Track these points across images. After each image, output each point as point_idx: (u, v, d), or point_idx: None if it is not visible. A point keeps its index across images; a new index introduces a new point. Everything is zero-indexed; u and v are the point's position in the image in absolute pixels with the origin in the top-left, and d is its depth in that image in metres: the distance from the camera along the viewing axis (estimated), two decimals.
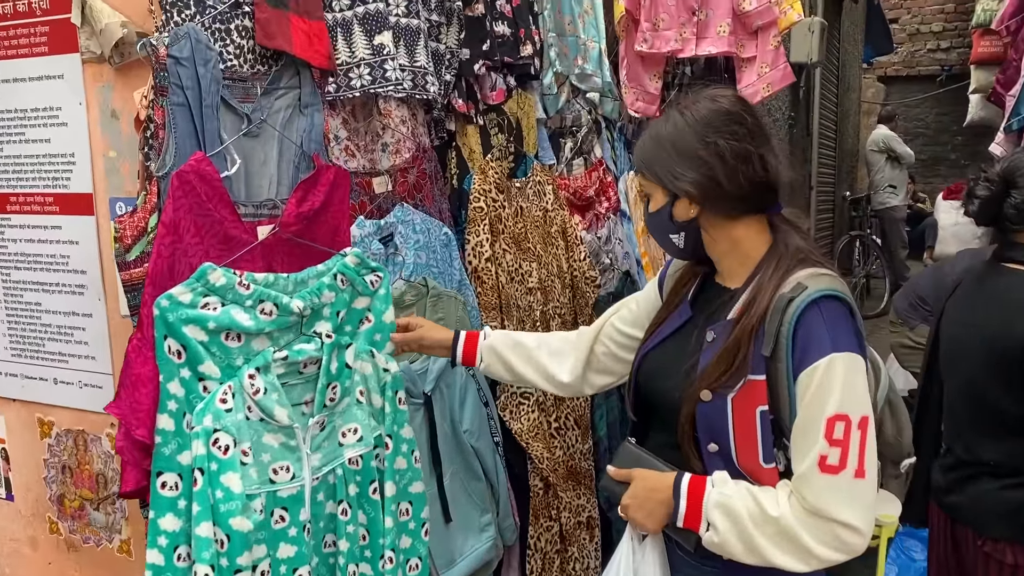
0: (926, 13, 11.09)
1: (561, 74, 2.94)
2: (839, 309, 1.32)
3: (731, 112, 1.38)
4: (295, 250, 1.71)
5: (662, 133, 1.43)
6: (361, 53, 1.96)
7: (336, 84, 1.92)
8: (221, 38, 1.63)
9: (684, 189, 1.39)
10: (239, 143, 1.65)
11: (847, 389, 1.27)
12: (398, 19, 2.11)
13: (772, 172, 1.39)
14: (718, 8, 3.29)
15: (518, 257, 2.52)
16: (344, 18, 1.96)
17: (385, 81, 1.97)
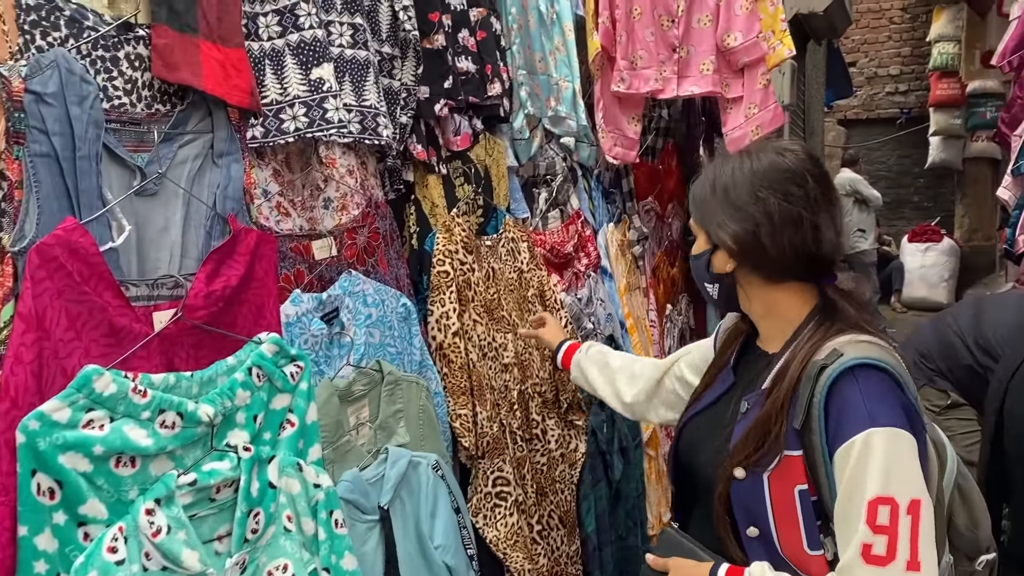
0: (883, 57, 11.11)
1: (533, 116, 2.60)
2: (880, 379, 1.19)
3: (793, 171, 1.29)
4: (204, 341, 1.32)
5: (718, 175, 1.35)
6: (295, 90, 1.59)
7: (264, 128, 1.55)
8: (105, 69, 1.24)
9: (724, 240, 1.33)
10: (129, 204, 1.27)
11: (891, 469, 1.14)
12: (342, 50, 1.75)
13: (824, 245, 1.29)
14: (700, 44, 2.99)
15: (490, 328, 2.15)
16: (274, 48, 1.59)
17: (325, 123, 1.61)
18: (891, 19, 11.01)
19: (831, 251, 1.30)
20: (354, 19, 1.79)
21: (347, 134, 1.66)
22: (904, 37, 10.98)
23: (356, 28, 1.79)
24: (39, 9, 1.16)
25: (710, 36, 2.99)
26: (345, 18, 1.78)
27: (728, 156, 1.38)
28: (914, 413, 1.20)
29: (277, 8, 1.60)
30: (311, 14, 1.60)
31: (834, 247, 1.30)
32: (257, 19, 1.58)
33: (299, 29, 1.61)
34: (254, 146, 1.54)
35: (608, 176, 3.22)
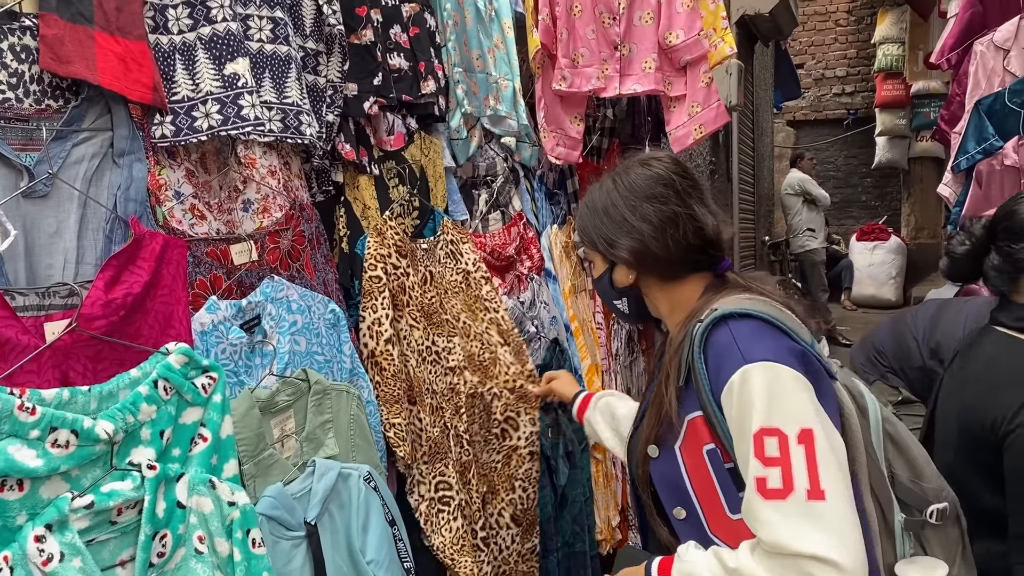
0: (830, 58, 11.26)
1: (471, 116, 2.54)
2: (754, 325, 1.20)
3: (660, 176, 1.36)
4: (104, 353, 1.23)
5: (596, 200, 1.43)
6: (208, 86, 1.51)
7: (175, 126, 1.46)
8: None
9: (619, 256, 1.38)
10: (16, 207, 1.18)
11: (771, 400, 1.11)
12: (261, 45, 1.67)
13: (707, 232, 1.35)
14: (642, 42, 2.96)
15: (430, 333, 2.08)
16: (185, 42, 1.50)
17: (241, 120, 1.53)
18: (837, 21, 11.18)
19: (715, 234, 1.35)
20: (274, 13, 1.71)
21: (267, 132, 1.58)
22: (850, 39, 11.15)
23: (276, 22, 1.71)
24: None
25: (652, 34, 2.95)
26: (264, 11, 1.70)
27: (601, 180, 1.45)
28: (801, 355, 1.18)
29: (188, 0, 1.51)
30: (224, 6, 1.52)
31: (715, 230, 1.35)
32: (166, 11, 1.49)
33: (212, 22, 1.52)
34: (164, 145, 1.45)
35: (552, 177, 3.17)
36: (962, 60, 3.00)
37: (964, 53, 2.97)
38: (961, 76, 3.00)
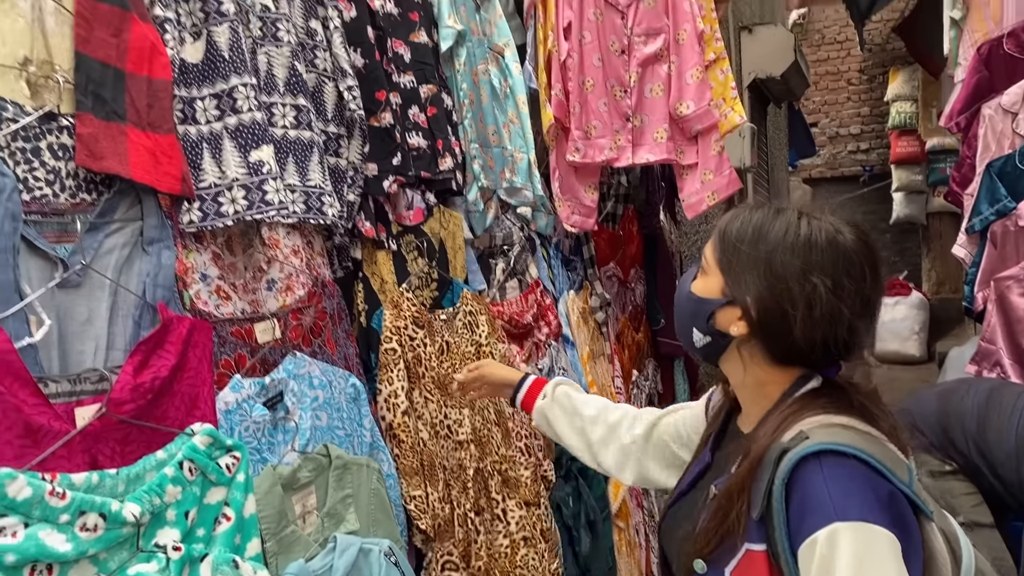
0: (844, 116, 11.38)
1: (487, 188, 2.61)
2: (851, 468, 1.04)
3: (851, 259, 1.12)
4: (132, 436, 1.26)
5: (766, 227, 1.16)
6: (234, 172, 1.57)
7: (202, 211, 1.52)
8: (26, 160, 1.22)
9: (747, 303, 1.16)
10: (50, 298, 1.23)
11: (859, 570, 0.98)
12: (285, 131, 1.74)
13: (853, 350, 1.15)
14: (653, 113, 3.04)
15: (443, 405, 2.10)
16: (212, 131, 1.58)
17: (265, 205, 1.59)
18: (849, 80, 11.32)
19: (854, 355, 1.17)
20: (297, 100, 1.78)
21: (290, 215, 1.64)
22: (863, 97, 11.27)
23: (300, 109, 1.78)
24: None
25: (663, 105, 3.03)
26: (288, 99, 1.77)
27: (782, 210, 1.19)
28: (900, 505, 1.05)
29: (215, 92, 1.59)
30: (250, 97, 1.60)
31: (860, 352, 1.16)
32: (194, 103, 1.56)
33: (237, 112, 1.59)
34: (191, 231, 1.51)
35: (568, 243, 3.22)
36: (971, 123, 3.04)
37: (973, 116, 3.02)
38: (971, 139, 3.04)
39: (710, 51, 3.06)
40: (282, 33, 1.75)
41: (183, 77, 1.53)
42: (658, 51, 3.02)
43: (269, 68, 1.73)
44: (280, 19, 1.75)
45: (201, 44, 1.56)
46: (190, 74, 1.55)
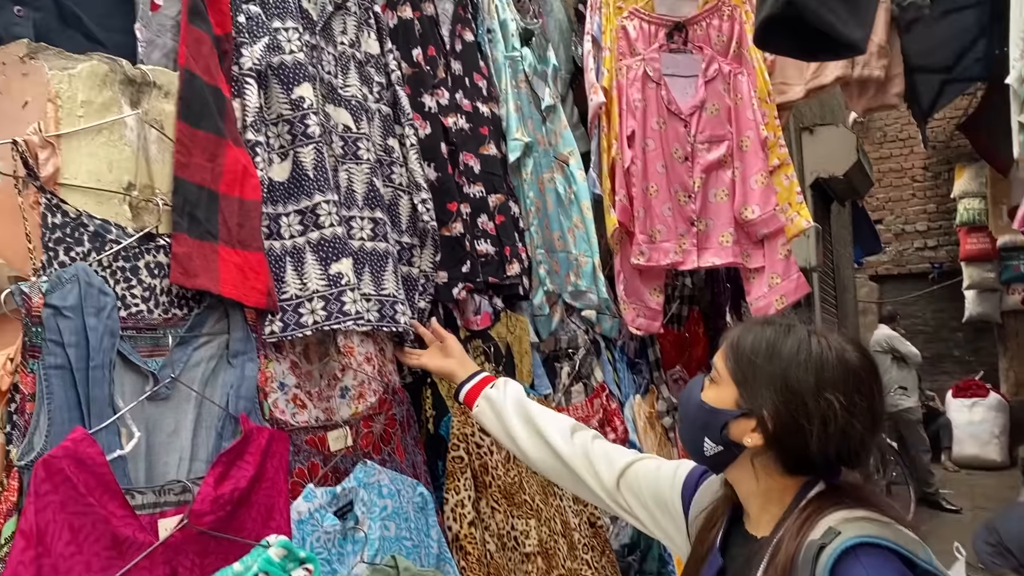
0: (909, 213, 11.25)
1: (553, 293, 2.64)
2: (886, 560, 1.09)
3: (861, 377, 1.19)
4: (210, 547, 1.28)
5: (779, 343, 1.21)
6: (315, 284, 1.63)
7: (283, 322, 1.58)
8: (125, 278, 1.29)
9: (762, 417, 1.20)
10: (140, 410, 1.28)
11: None
12: (362, 243, 1.81)
13: (861, 460, 1.22)
14: (718, 217, 3.06)
15: (510, 515, 2.08)
16: (295, 246, 1.65)
17: (343, 315, 1.64)
18: (913, 177, 11.24)
19: (863, 465, 1.23)
20: (374, 213, 1.85)
21: (364, 323, 1.68)
22: (928, 194, 11.15)
23: (376, 222, 1.85)
24: (64, 227, 1.22)
25: (727, 209, 3.05)
26: (366, 213, 1.84)
27: (792, 326, 1.23)
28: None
29: (299, 208, 1.67)
30: (331, 213, 1.67)
31: (867, 462, 1.23)
32: (279, 219, 1.64)
33: (320, 228, 1.66)
34: (272, 340, 1.56)
35: (633, 346, 3.22)
36: None
37: None
38: None
39: (774, 157, 3.10)
40: (362, 152, 1.84)
41: (270, 195, 1.62)
42: (722, 157, 3.06)
43: (349, 184, 1.81)
44: (361, 138, 1.84)
45: (288, 164, 1.65)
46: (276, 192, 1.64)
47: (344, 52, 1.90)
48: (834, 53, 1.73)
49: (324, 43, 1.84)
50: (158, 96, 1.40)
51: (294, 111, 1.66)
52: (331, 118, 1.79)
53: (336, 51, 1.87)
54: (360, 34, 1.96)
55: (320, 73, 1.77)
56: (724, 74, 3.11)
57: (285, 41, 1.67)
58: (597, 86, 3.00)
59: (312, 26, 1.80)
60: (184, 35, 1.41)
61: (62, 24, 1.48)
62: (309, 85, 1.67)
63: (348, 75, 1.89)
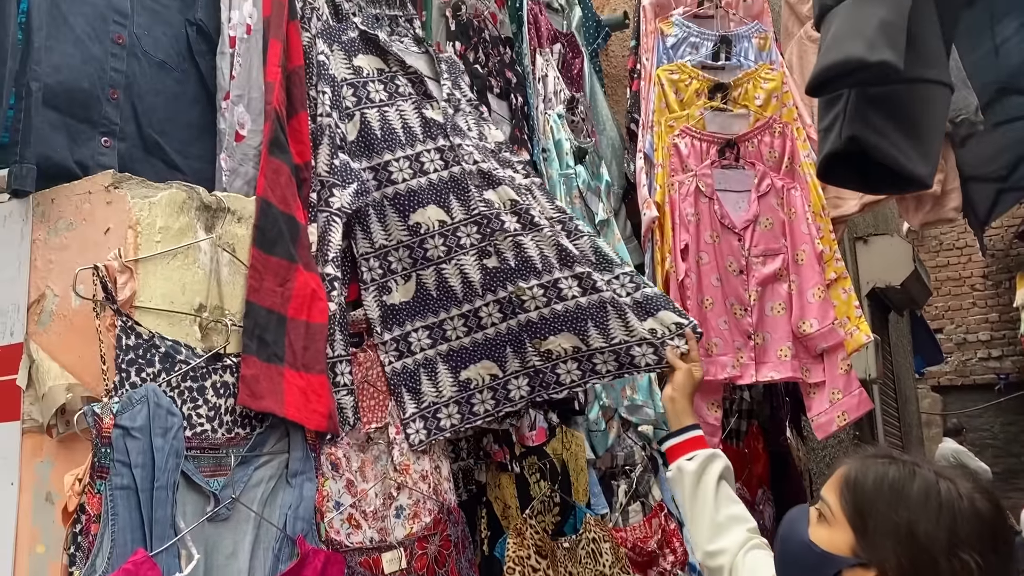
0: (970, 323, 10.97)
1: (609, 407, 2.61)
2: None
3: (994, 529, 1.10)
4: None
5: (906, 490, 1.12)
6: (448, 392, 1.83)
7: (426, 429, 1.80)
8: (191, 398, 1.32)
9: (884, 570, 1.10)
10: (200, 531, 1.28)
11: None
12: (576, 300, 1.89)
13: None
14: (776, 331, 3.02)
15: None
16: (427, 358, 1.84)
17: (473, 416, 1.86)
18: (973, 286, 11.01)
19: None
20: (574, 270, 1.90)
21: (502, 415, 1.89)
22: (989, 303, 10.89)
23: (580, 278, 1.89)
24: (137, 348, 1.26)
25: (785, 323, 3.01)
26: (566, 272, 1.89)
27: (917, 468, 1.16)
28: None
29: (426, 324, 1.84)
30: (457, 327, 1.85)
31: None
32: (409, 337, 1.82)
33: (447, 340, 1.85)
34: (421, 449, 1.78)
35: None
36: None
37: None
38: None
39: (831, 271, 3.07)
40: (538, 218, 1.93)
41: (396, 316, 1.82)
42: (777, 271, 3.05)
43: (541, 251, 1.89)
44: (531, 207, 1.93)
45: (412, 285, 1.83)
46: (403, 313, 1.82)
47: (478, 144, 2.00)
48: (900, 188, 1.74)
49: (460, 139, 1.95)
50: (231, 221, 1.46)
51: (412, 237, 1.83)
52: (494, 203, 1.88)
53: (474, 143, 1.99)
54: (481, 128, 2.08)
55: (469, 168, 1.89)
56: (777, 189, 3.13)
57: (397, 171, 1.84)
58: (650, 201, 3.04)
59: (443, 130, 1.93)
60: (264, 166, 1.49)
61: (145, 153, 1.57)
62: (430, 207, 1.84)
63: (489, 160, 1.98)
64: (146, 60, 1.62)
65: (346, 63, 1.86)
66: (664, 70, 3.13)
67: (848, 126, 1.37)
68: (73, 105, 1.48)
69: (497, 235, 1.85)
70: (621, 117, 3.46)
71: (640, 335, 1.85)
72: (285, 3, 1.67)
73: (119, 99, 1.55)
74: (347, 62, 1.86)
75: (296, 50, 1.69)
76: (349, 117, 1.82)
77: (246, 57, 1.69)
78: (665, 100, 3.15)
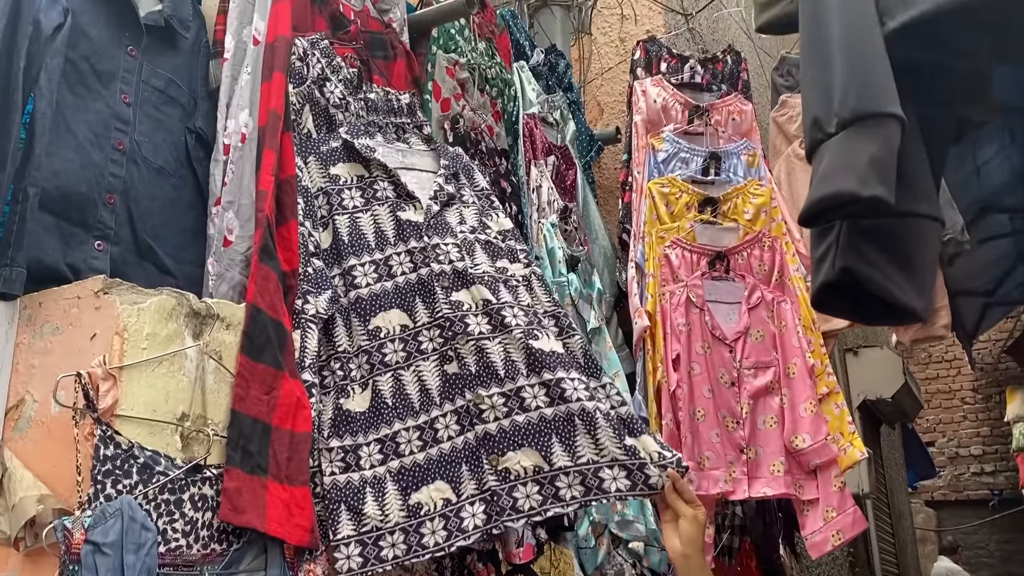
0: (962, 436, 10.89)
1: (598, 523, 2.53)
2: None
3: None
4: None
5: None
6: (395, 516, 1.61)
7: (363, 556, 1.55)
8: (168, 512, 1.27)
9: None
10: None
11: None
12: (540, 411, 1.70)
13: None
14: (768, 445, 2.97)
15: None
16: (375, 476, 1.64)
17: (421, 548, 1.60)
18: (963, 399, 10.99)
19: None
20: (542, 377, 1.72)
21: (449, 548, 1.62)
22: (980, 417, 10.85)
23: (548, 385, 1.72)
24: (115, 459, 1.22)
25: (777, 437, 2.97)
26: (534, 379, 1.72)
27: None
28: None
29: (379, 437, 1.67)
30: (411, 440, 1.68)
31: None
32: (359, 450, 1.65)
33: (400, 456, 1.66)
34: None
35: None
36: None
37: None
38: None
39: (822, 385, 3.05)
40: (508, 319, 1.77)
41: (349, 426, 1.65)
42: (769, 384, 3.03)
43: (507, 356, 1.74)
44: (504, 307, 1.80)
45: (368, 394, 1.68)
46: (357, 423, 1.66)
47: (467, 239, 1.90)
48: (894, 319, 1.73)
49: (439, 238, 1.85)
50: (220, 327, 1.45)
51: (371, 341, 1.72)
52: (463, 304, 1.76)
53: (457, 239, 1.87)
54: (485, 219, 1.99)
55: (442, 267, 1.79)
56: (767, 302, 3.15)
57: (361, 276, 1.76)
58: (641, 310, 3.05)
59: (418, 231, 1.84)
60: (254, 272, 1.48)
61: (138, 257, 1.57)
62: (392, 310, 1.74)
63: (475, 256, 1.88)
64: (145, 166, 1.64)
65: (322, 172, 1.84)
66: (655, 183, 3.19)
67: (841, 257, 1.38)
68: (69, 209, 1.49)
69: (459, 338, 1.73)
70: (613, 227, 3.51)
71: (612, 455, 1.63)
72: (281, 115, 1.70)
73: (115, 203, 1.56)
74: (323, 171, 1.84)
75: (289, 160, 1.70)
76: (324, 226, 1.80)
77: (239, 165, 1.71)
78: (656, 212, 3.20)
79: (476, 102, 2.60)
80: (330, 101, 1.91)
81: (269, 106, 1.70)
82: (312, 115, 1.89)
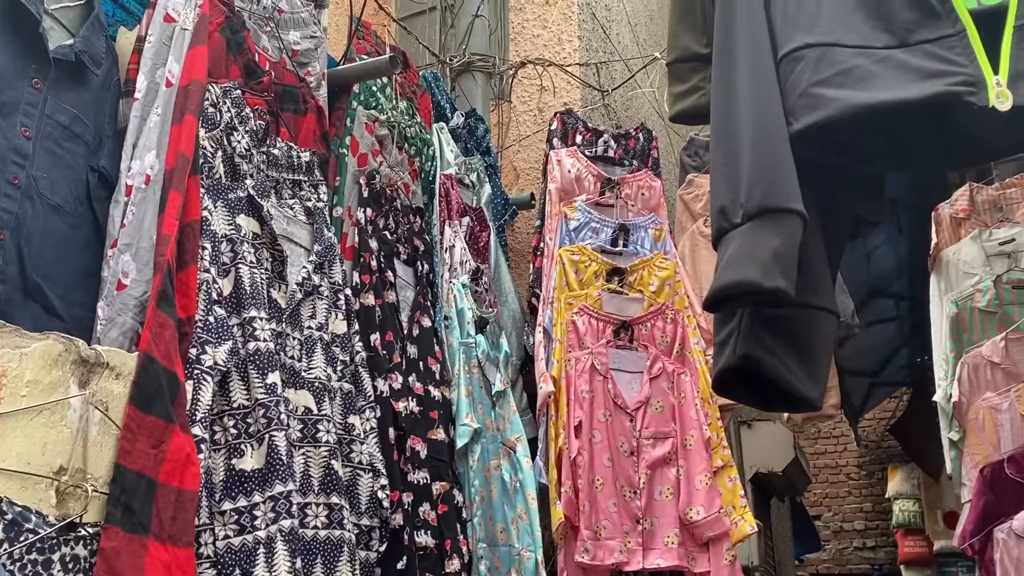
0: (846, 511, 11.23)
1: None
2: None
3: None
4: None
5: None
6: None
7: None
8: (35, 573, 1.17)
9: None
10: None
11: None
12: (316, 531, 1.77)
13: None
14: (664, 516, 3.01)
15: None
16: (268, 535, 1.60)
17: None
18: (848, 475, 11.38)
19: None
20: (330, 499, 1.81)
21: None
22: (864, 492, 11.24)
23: (332, 508, 1.81)
24: None
25: (672, 508, 3.01)
26: (322, 499, 1.80)
27: None
28: None
29: (273, 495, 1.63)
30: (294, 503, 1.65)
31: None
32: (255, 510, 1.61)
33: (291, 516, 1.63)
34: None
35: None
36: (985, 546, 2.99)
37: (986, 539, 2.98)
38: (988, 563, 2.97)
39: (717, 458, 3.12)
40: (321, 434, 1.84)
41: (243, 486, 1.61)
42: (667, 454, 3.08)
43: (306, 469, 1.78)
44: (321, 420, 1.85)
45: (264, 449, 1.64)
46: (252, 481, 1.62)
47: (311, 336, 1.94)
48: (790, 407, 1.82)
49: (291, 329, 1.88)
50: (108, 377, 1.38)
51: (269, 396, 1.69)
52: (291, 402, 1.79)
53: (303, 335, 1.91)
54: (329, 316, 2.02)
55: (283, 359, 1.80)
56: (668, 373, 3.22)
57: (260, 329, 1.73)
58: (547, 375, 3.07)
59: (280, 314, 1.84)
60: (150, 319, 1.42)
61: (24, 297, 1.49)
62: (277, 373, 1.71)
63: (313, 357, 1.92)
64: (41, 202, 1.57)
65: (228, 220, 1.81)
66: (566, 250, 3.25)
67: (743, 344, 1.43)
68: None
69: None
70: (523, 291, 3.54)
71: None
72: (190, 159, 1.66)
73: (5, 239, 1.48)
74: (230, 219, 1.81)
75: (194, 204, 1.66)
76: (226, 273, 1.77)
77: (140, 207, 1.65)
78: (566, 278, 3.25)
79: (394, 159, 2.61)
80: (236, 151, 1.89)
81: (179, 148, 1.66)
82: (221, 162, 1.87)
